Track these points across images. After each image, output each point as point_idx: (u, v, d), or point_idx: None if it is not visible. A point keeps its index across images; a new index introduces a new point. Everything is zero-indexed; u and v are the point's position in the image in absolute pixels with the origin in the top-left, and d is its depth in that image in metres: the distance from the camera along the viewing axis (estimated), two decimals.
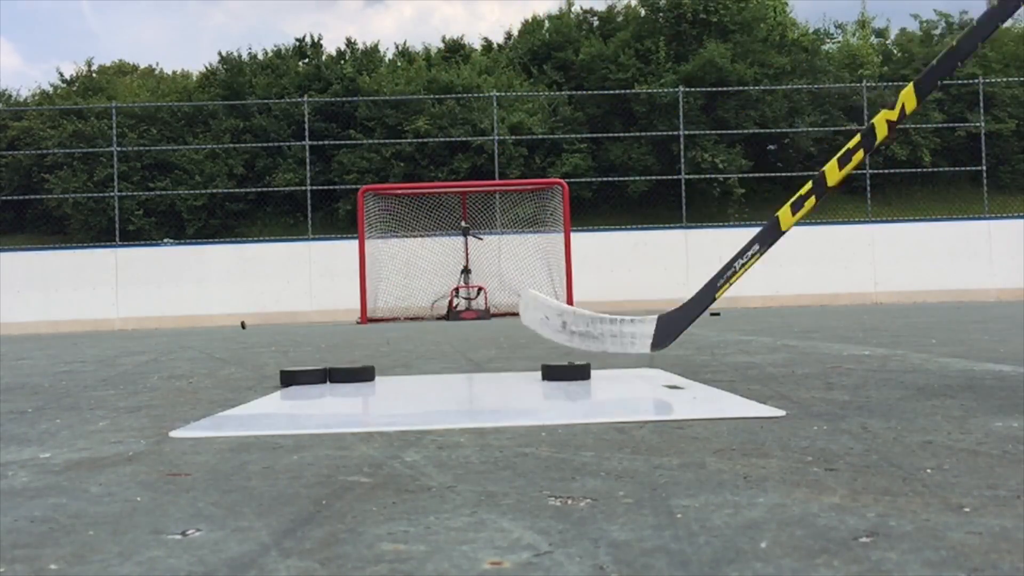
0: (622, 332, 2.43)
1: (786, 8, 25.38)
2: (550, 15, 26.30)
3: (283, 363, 3.69)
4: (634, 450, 1.35)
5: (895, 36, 26.50)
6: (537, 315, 2.58)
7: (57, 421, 1.93)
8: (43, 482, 1.23)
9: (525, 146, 21.18)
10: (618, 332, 2.44)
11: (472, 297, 12.87)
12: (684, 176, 17.09)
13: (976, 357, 2.91)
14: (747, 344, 4.09)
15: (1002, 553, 0.78)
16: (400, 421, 1.78)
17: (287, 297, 14.55)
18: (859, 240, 15.14)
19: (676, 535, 0.86)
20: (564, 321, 2.52)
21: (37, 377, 3.34)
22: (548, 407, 1.94)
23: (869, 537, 0.84)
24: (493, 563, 0.79)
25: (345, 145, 20.99)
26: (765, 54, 22.77)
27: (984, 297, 14.65)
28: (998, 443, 1.34)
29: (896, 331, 4.98)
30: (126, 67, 27.57)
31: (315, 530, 0.92)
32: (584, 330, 2.48)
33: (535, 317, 2.59)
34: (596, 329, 2.47)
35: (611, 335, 2.44)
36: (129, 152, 20.23)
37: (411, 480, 1.17)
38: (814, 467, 1.19)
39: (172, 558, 0.83)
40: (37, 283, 14.47)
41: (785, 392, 2.07)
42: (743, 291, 14.52)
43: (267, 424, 1.79)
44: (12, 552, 0.87)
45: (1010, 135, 21.60)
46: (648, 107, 21.51)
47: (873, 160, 19.19)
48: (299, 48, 25.19)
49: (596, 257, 14.50)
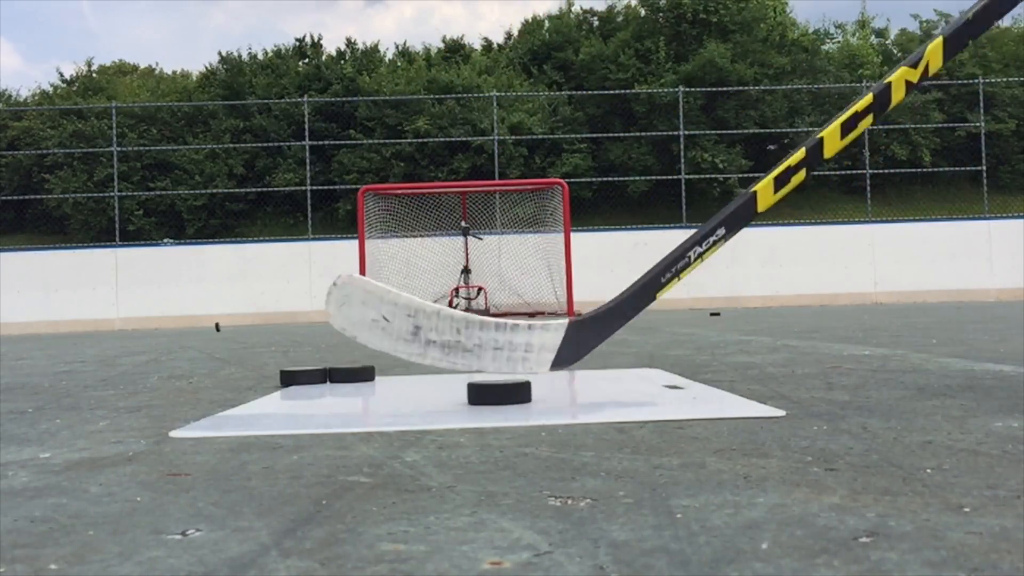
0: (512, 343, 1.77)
1: (786, 8, 25.37)
2: (550, 15, 26.30)
3: (283, 363, 3.69)
4: (634, 450, 1.35)
5: (895, 36, 26.51)
6: (366, 314, 1.78)
7: (57, 421, 1.93)
8: (43, 482, 1.23)
9: (525, 146, 21.17)
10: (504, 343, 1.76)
11: (472, 297, 12.87)
12: (684, 176, 17.10)
13: (976, 357, 2.91)
14: (747, 344, 4.09)
15: (1002, 553, 0.78)
16: (400, 421, 1.78)
17: (287, 297, 14.55)
18: (859, 240, 15.13)
19: (676, 535, 0.86)
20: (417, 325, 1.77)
21: (37, 377, 3.34)
22: (548, 407, 1.94)
23: (869, 537, 0.84)
24: (493, 563, 0.79)
25: (345, 145, 20.99)
26: (765, 54, 22.77)
27: (984, 297, 14.64)
28: (998, 443, 1.34)
29: (896, 331, 4.98)
30: (126, 67, 27.57)
31: (315, 530, 0.92)
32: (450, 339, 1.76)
33: (361, 317, 1.79)
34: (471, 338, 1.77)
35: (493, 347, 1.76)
36: (129, 152, 20.22)
37: (411, 480, 1.17)
38: (814, 467, 1.19)
39: (172, 558, 0.83)
40: (37, 283, 14.47)
41: (785, 392, 2.07)
42: (743, 291, 14.60)
43: (267, 424, 1.79)
44: (12, 552, 0.87)
45: (1010, 135, 21.60)
46: (648, 107, 21.51)
47: (873, 160, 19.20)
48: (299, 48, 25.18)
49: (596, 257, 14.50)
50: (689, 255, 1.87)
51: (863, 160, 17.57)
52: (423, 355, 1.78)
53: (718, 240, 1.85)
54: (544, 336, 1.81)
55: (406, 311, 1.81)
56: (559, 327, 1.82)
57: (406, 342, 1.79)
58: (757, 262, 14.51)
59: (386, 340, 1.80)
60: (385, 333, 1.80)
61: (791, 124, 21.44)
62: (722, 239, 1.85)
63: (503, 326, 1.82)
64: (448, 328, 1.80)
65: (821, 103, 22.22)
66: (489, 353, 1.78)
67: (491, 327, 1.81)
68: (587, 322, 1.85)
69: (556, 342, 1.80)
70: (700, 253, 1.86)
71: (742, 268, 14.27)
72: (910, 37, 25.62)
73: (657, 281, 1.86)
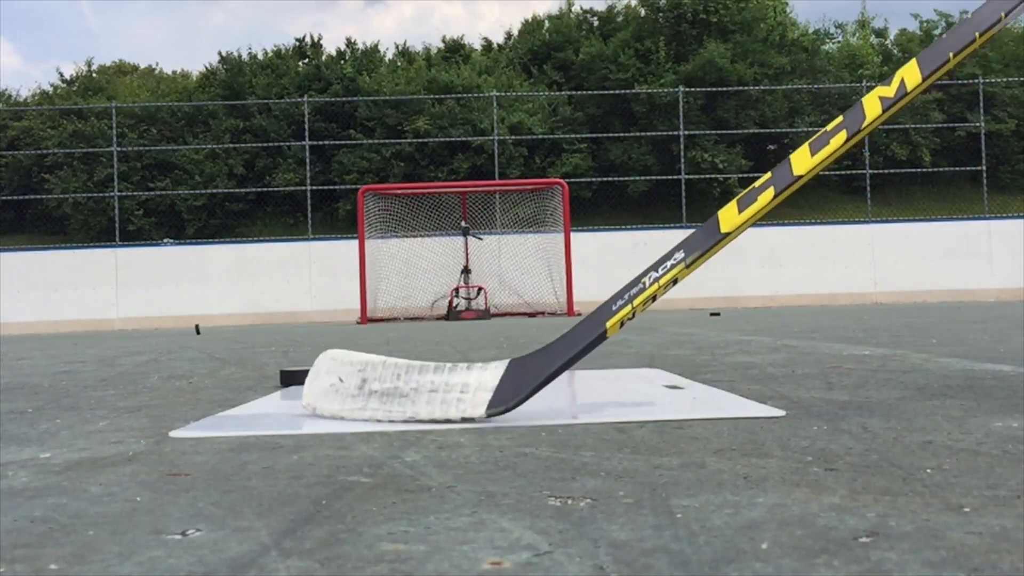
0: (447, 384, 1.71)
1: (786, 8, 25.40)
2: (550, 15, 26.33)
3: (283, 363, 3.69)
4: (634, 450, 1.35)
5: (895, 36, 26.53)
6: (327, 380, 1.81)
7: (57, 421, 1.93)
8: (43, 482, 1.23)
9: (525, 146, 21.18)
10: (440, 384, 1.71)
11: (472, 297, 12.87)
12: (684, 176, 17.10)
13: (976, 357, 2.91)
14: (747, 344, 4.09)
15: (1002, 553, 0.78)
16: (400, 421, 1.78)
17: (287, 297, 14.55)
18: (859, 240, 15.14)
19: (676, 535, 0.86)
20: (364, 378, 1.78)
21: (37, 377, 3.34)
22: (548, 407, 1.94)
23: (869, 537, 0.84)
24: (493, 563, 0.79)
25: (345, 145, 21.00)
26: (765, 54, 22.78)
27: (984, 297, 14.65)
28: (998, 443, 1.34)
29: (896, 331, 4.98)
30: (126, 67, 27.58)
31: (315, 530, 0.92)
32: (389, 387, 1.74)
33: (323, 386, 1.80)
34: (407, 382, 1.74)
35: (428, 389, 1.71)
36: (129, 152, 20.23)
37: (411, 480, 1.17)
38: (814, 467, 1.19)
39: (172, 558, 0.83)
40: (37, 283, 14.47)
41: (785, 392, 2.07)
42: (743, 291, 14.60)
43: (267, 424, 1.79)
44: (12, 552, 0.87)
45: (1010, 135, 21.61)
46: (648, 107, 21.51)
47: (873, 160, 19.21)
48: (299, 48, 25.19)
49: (596, 257, 14.50)
50: (644, 281, 1.73)
51: (863, 160, 17.58)
52: (363, 408, 1.73)
53: (676, 264, 1.71)
54: (482, 375, 1.71)
55: (358, 367, 1.81)
56: (499, 365, 1.73)
57: (352, 398, 1.76)
58: (757, 262, 14.51)
59: (336, 401, 1.77)
60: (338, 394, 1.78)
61: (791, 124, 21.45)
62: (681, 263, 1.70)
63: (441, 368, 1.76)
64: (389, 375, 1.77)
65: (821, 103, 22.23)
66: (424, 396, 1.71)
67: (429, 369, 1.76)
68: (528, 360, 1.72)
69: (494, 381, 1.69)
70: (656, 278, 1.72)
71: (742, 268, 14.27)
72: (910, 37, 25.64)
73: (607, 310, 1.71)
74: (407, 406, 1.71)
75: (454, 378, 1.73)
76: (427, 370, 1.77)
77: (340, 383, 1.80)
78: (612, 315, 1.70)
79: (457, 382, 1.72)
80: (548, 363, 1.70)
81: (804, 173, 1.71)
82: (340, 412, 1.75)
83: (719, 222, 1.72)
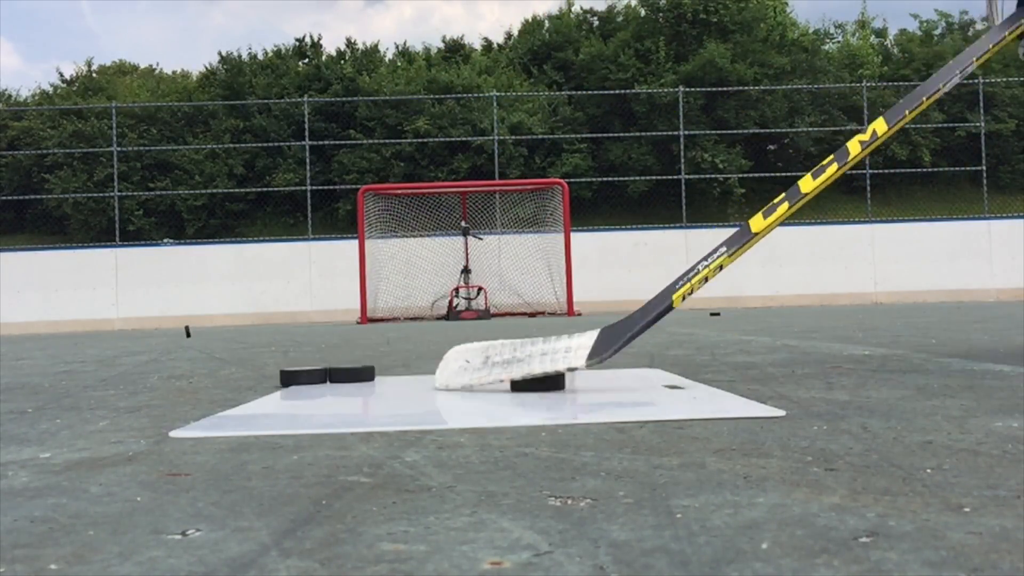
0: (554, 349, 2.15)
1: (786, 8, 25.39)
2: (550, 15, 26.31)
3: (283, 363, 3.69)
4: (634, 450, 1.35)
5: (895, 36, 26.52)
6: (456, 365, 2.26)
7: (57, 421, 1.93)
8: (43, 482, 1.23)
9: (525, 146, 21.17)
10: (549, 349, 2.15)
11: (472, 297, 12.87)
12: (684, 176, 17.09)
13: (976, 357, 2.91)
14: (747, 344, 4.09)
15: (1002, 553, 0.78)
16: (400, 421, 1.78)
17: (287, 297, 14.55)
18: (859, 240, 15.14)
19: (676, 535, 0.86)
20: (487, 356, 2.23)
21: (37, 377, 3.34)
22: (548, 407, 1.94)
23: (869, 537, 0.84)
24: (493, 563, 0.79)
25: (345, 145, 20.99)
26: (765, 54, 22.77)
27: (984, 297, 14.65)
28: (998, 443, 1.34)
29: (896, 331, 4.98)
30: (126, 67, 27.56)
31: (315, 530, 0.92)
32: (508, 357, 2.18)
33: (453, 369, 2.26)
34: (522, 352, 2.18)
35: (540, 354, 2.14)
36: (129, 152, 20.23)
37: (411, 480, 1.17)
38: (814, 467, 1.19)
39: (172, 558, 0.83)
40: (37, 283, 14.47)
41: (785, 392, 2.07)
42: (743, 291, 14.58)
43: (267, 424, 1.79)
44: (12, 552, 0.87)
45: (1010, 135, 21.60)
46: (648, 107, 21.50)
47: (873, 160, 19.20)
48: (299, 48, 25.18)
49: (596, 257, 14.50)
50: (698, 267, 2.24)
51: (863, 160, 17.57)
52: (489, 375, 2.16)
53: (721, 256, 2.26)
54: (580, 339, 2.16)
55: (481, 350, 2.27)
56: (592, 333, 2.18)
57: (477, 371, 2.20)
58: (757, 262, 14.51)
59: (465, 376, 2.22)
60: (466, 371, 2.23)
61: (791, 124, 21.45)
62: (724, 254, 2.27)
63: (548, 339, 2.21)
64: (507, 350, 2.22)
65: (821, 103, 22.23)
66: (537, 359, 2.14)
67: (539, 341, 2.21)
68: (615, 326, 2.18)
69: (590, 343, 2.14)
70: (707, 264, 2.24)
71: (742, 268, 14.20)
72: (910, 37, 25.63)
73: (672, 288, 2.21)
74: (524, 368, 2.12)
75: (559, 344, 2.17)
76: (537, 342, 2.20)
77: (467, 364, 2.24)
78: (676, 290, 2.21)
79: (561, 346, 2.16)
80: (629, 326, 2.17)
81: (809, 191, 2.39)
82: (470, 382, 2.19)
83: (750, 225, 2.33)
